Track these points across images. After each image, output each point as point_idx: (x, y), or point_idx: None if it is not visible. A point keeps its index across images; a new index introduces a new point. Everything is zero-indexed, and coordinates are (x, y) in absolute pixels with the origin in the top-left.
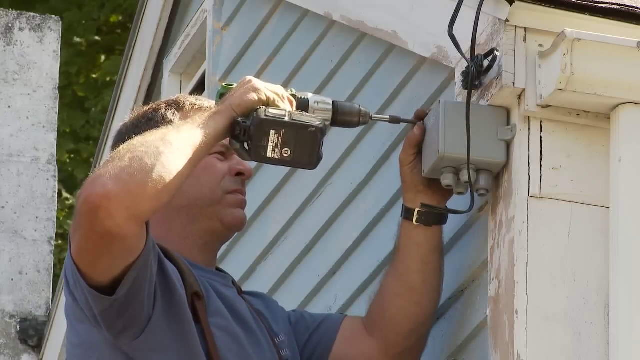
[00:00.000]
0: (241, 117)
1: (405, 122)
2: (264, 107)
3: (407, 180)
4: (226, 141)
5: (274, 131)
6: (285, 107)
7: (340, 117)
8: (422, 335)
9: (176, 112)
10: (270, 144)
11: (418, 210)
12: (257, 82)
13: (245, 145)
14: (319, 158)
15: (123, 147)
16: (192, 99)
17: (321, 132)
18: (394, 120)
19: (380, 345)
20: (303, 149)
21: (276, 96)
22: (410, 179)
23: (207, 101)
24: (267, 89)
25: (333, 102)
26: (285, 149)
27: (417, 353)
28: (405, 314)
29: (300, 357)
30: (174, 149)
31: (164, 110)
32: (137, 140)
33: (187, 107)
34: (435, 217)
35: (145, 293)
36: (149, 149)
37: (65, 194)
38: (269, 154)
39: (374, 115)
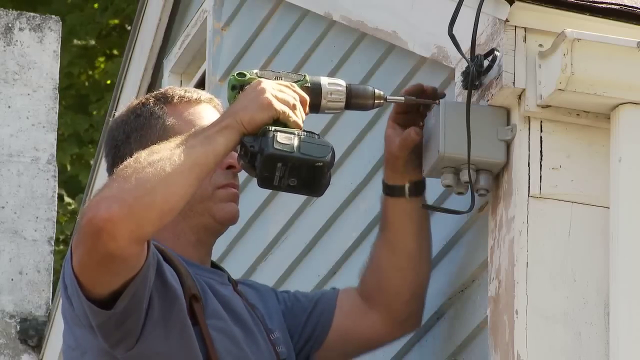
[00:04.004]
0: (249, 134)
1: (422, 102)
2: (273, 129)
3: (398, 166)
4: None
5: (280, 164)
6: (296, 124)
7: (354, 100)
8: (422, 297)
9: (164, 107)
10: (277, 174)
11: (409, 186)
12: (268, 93)
13: (252, 163)
14: (325, 186)
15: (129, 164)
16: (181, 91)
17: (328, 165)
18: (410, 100)
19: (384, 316)
20: (309, 180)
21: (287, 108)
22: (402, 166)
23: (195, 92)
24: (278, 99)
25: (346, 85)
26: (292, 179)
27: (419, 314)
28: (405, 283)
29: (299, 338)
30: (181, 169)
31: (151, 105)
32: (143, 157)
33: (175, 100)
34: (422, 185)
35: (144, 306)
36: (155, 169)
37: (67, 199)
38: (275, 182)
39: (388, 97)
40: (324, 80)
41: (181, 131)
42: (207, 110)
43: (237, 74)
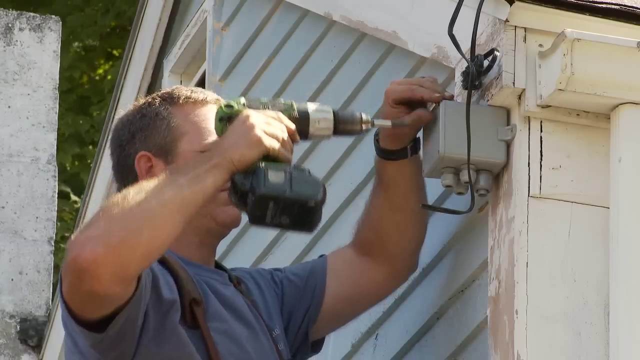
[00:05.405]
0: (240, 172)
1: (410, 125)
2: (263, 165)
3: (401, 135)
4: None
5: (272, 203)
6: (286, 157)
7: (342, 126)
8: (420, 248)
9: (170, 108)
10: (269, 213)
11: (410, 146)
12: (258, 128)
13: (243, 201)
14: (317, 223)
15: (117, 202)
16: (187, 92)
17: (320, 204)
18: (396, 124)
19: (387, 270)
20: (301, 218)
21: (277, 143)
22: (405, 135)
23: (202, 93)
24: (267, 134)
25: (333, 112)
26: (284, 217)
27: (417, 262)
28: (408, 238)
29: (296, 318)
30: (168, 210)
31: (157, 105)
32: (131, 196)
33: (181, 101)
34: (419, 140)
35: (138, 326)
36: (142, 210)
37: (73, 197)
38: (267, 220)
39: (375, 121)
40: (311, 108)
41: (186, 132)
42: (213, 112)
43: (224, 105)
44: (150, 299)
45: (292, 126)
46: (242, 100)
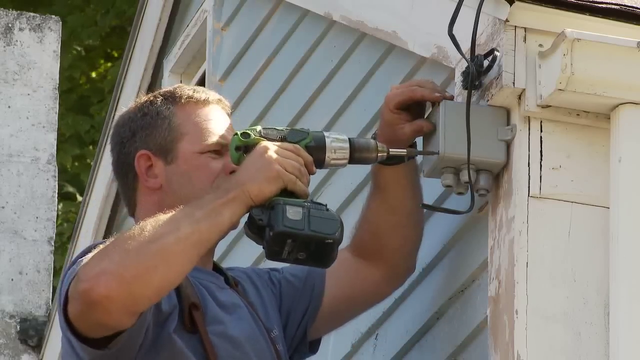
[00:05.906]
0: (258, 206)
1: (423, 154)
2: (282, 201)
3: (400, 142)
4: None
5: (290, 240)
6: (303, 191)
7: (357, 154)
8: (418, 248)
9: (171, 107)
10: (286, 249)
11: (407, 149)
12: (276, 162)
13: (260, 235)
14: (334, 259)
15: (134, 236)
16: (190, 91)
17: (338, 241)
18: (411, 152)
19: (385, 271)
20: (318, 254)
21: (294, 177)
22: (404, 141)
23: (204, 93)
24: (285, 167)
25: (349, 139)
26: (301, 253)
27: (415, 262)
28: (406, 239)
29: (295, 317)
30: (183, 247)
31: (159, 104)
32: (148, 230)
33: (183, 100)
34: (415, 144)
35: (138, 344)
36: (158, 247)
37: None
38: (284, 256)
39: (391, 150)
40: (328, 137)
41: (187, 132)
42: (215, 112)
43: (241, 134)
44: (152, 313)
45: (310, 158)
46: (259, 128)
